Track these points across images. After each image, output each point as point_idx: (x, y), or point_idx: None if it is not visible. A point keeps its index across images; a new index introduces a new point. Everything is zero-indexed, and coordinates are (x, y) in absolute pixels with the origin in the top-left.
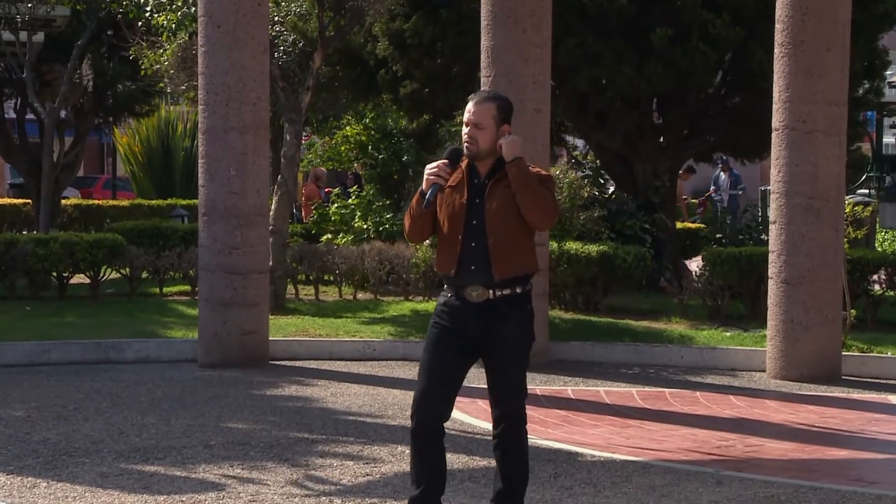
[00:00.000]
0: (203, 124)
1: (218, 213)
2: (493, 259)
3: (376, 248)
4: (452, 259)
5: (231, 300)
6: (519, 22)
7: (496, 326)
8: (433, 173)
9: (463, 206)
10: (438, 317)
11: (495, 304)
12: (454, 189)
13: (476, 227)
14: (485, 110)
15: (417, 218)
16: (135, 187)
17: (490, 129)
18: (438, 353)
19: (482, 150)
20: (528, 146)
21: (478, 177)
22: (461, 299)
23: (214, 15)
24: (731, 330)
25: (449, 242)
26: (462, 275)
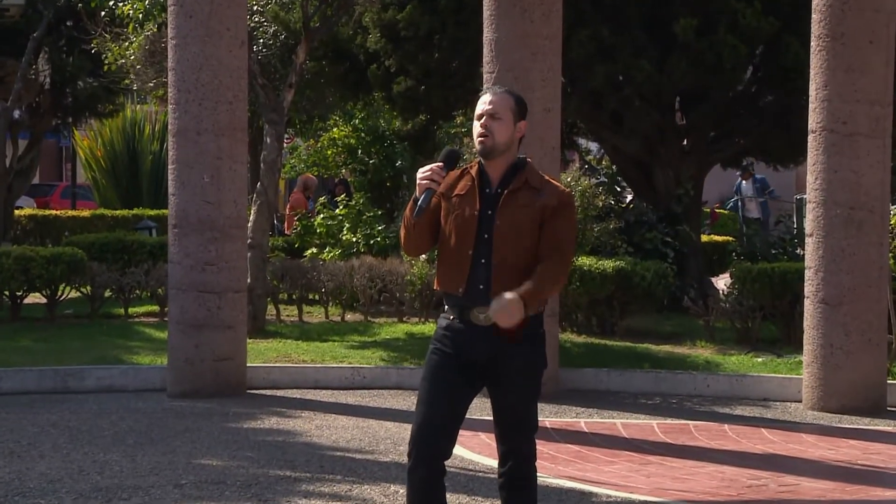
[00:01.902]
0: (173, 126)
1: (190, 225)
2: (494, 282)
3: (367, 264)
4: (460, 276)
5: (204, 322)
6: (526, 12)
7: (504, 352)
8: (426, 177)
9: (474, 218)
10: (439, 342)
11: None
12: (463, 198)
13: (488, 241)
14: (503, 100)
15: (412, 229)
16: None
17: (508, 121)
18: (439, 382)
19: (498, 143)
20: (537, 149)
21: (489, 185)
22: (466, 322)
23: (186, 4)
24: (762, 355)
25: (456, 258)
26: (470, 294)
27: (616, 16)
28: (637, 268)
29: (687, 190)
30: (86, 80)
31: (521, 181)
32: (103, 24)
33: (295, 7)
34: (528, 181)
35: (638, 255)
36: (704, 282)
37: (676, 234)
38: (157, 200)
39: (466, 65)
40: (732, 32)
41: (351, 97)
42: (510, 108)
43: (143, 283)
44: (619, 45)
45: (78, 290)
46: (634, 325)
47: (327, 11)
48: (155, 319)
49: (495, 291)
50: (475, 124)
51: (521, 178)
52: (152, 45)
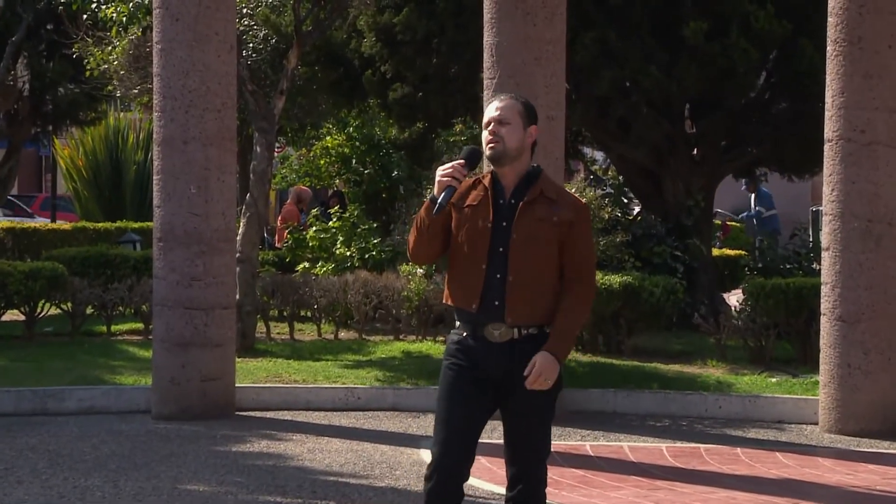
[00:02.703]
0: (159, 134)
1: (176, 239)
2: (508, 299)
3: (361, 279)
4: (474, 292)
5: (191, 340)
6: (528, 14)
7: (519, 373)
8: (448, 174)
9: (487, 231)
10: (452, 356)
11: (520, 345)
12: (475, 209)
13: (503, 255)
14: (511, 106)
15: (426, 231)
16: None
17: (518, 125)
18: (458, 399)
19: (509, 148)
20: (540, 159)
21: (503, 196)
22: (479, 339)
23: (172, 6)
24: (777, 375)
25: (469, 272)
26: (484, 311)
27: (623, 19)
28: (645, 283)
29: (697, 201)
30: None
31: (536, 192)
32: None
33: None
34: (543, 192)
35: (646, 269)
36: (716, 298)
37: (686, 247)
38: (142, 212)
39: (466, 70)
40: (744, 36)
41: (345, 104)
42: (518, 113)
43: (126, 299)
44: (626, 49)
45: (58, 306)
46: (642, 344)
47: (320, 14)
48: (139, 337)
49: (510, 308)
50: (483, 132)
51: (536, 189)
52: (137, 49)
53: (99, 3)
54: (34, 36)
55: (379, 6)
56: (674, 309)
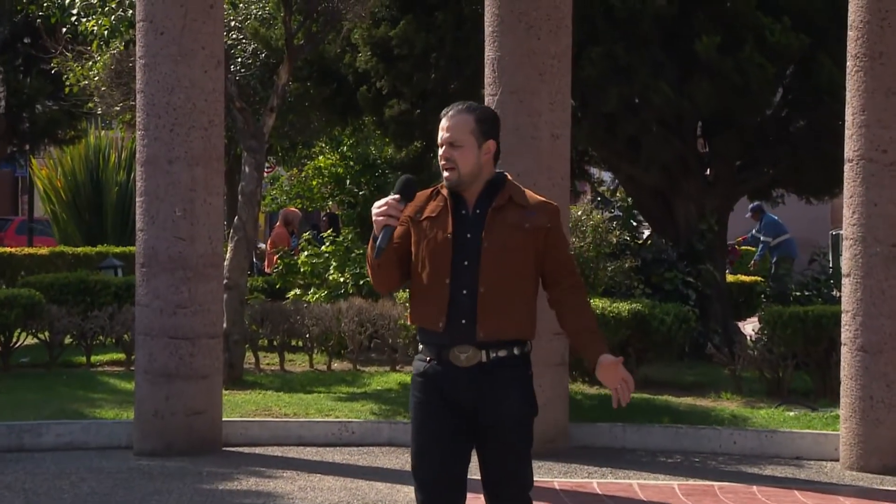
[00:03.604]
0: (142, 154)
1: (160, 264)
2: (480, 313)
3: (356, 307)
4: (439, 310)
5: (175, 372)
6: (532, 28)
7: (490, 400)
8: (382, 212)
9: (448, 242)
10: (418, 391)
11: (489, 369)
12: (434, 221)
13: (468, 269)
14: (461, 123)
15: (376, 269)
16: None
17: (470, 146)
18: (429, 437)
19: (464, 174)
20: (545, 180)
21: (465, 206)
22: (445, 363)
23: (156, 19)
24: (795, 409)
25: (432, 289)
26: (451, 331)
27: (632, 32)
28: (655, 311)
29: (710, 225)
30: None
31: (504, 198)
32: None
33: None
34: (512, 198)
35: (656, 296)
36: (730, 327)
37: (699, 273)
38: (124, 236)
39: (466, 86)
40: (760, 51)
41: (338, 122)
42: (470, 131)
43: (107, 328)
44: (636, 64)
45: (35, 336)
46: (652, 375)
47: (312, 27)
48: (120, 369)
49: (482, 323)
50: (439, 152)
51: (503, 195)
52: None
53: (79, 15)
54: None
55: (374, 19)
56: (686, 338)
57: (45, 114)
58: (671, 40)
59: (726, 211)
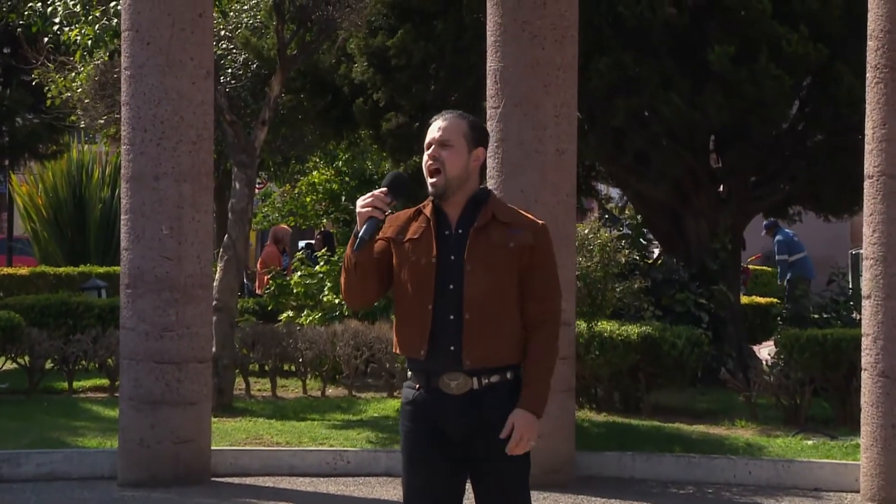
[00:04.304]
0: (127, 169)
1: (146, 285)
2: (465, 340)
3: (351, 330)
4: (421, 336)
5: (162, 398)
6: (536, 37)
7: (483, 428)
8: (368, 204)
9: (431, 266)
10: (408, 420)
11: (481, 397)
12: (417, 243)
13: (454, 293)
14: (453, 126)
15: (353, 270)
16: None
17: (461, 149)
18: (423, 474)
19: (451, 178)
20: (549, 197)
21: (448, 226)
22: (434, 392)
23: (143, 28)
24: (813, 437)
25: (415, 313)
26: (436, 358)
27: (641, 42)
28: (666, 334)
29: (724, 244)
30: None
31: (487, 216)
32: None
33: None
34: (495, 215)
35: (667, 319)
36: (745, 351)
37: (712, 294)
38: (108, 256)
39: (467, 98)
40: (775, 61)
41: (333, 136)
42: (463, 134)
43: (90, 352)
44: (645, 75)
45: (14, 360)
46: (663, 401)
47: (306, 37)
48: (104, 395)
49: (468, 351)
50: (424, 158)
51: (486, 213)
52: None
53: (61, 24)
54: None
55: (371, 28)
56: (698, 363)
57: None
58: (682, 50)
59: (740, 229)
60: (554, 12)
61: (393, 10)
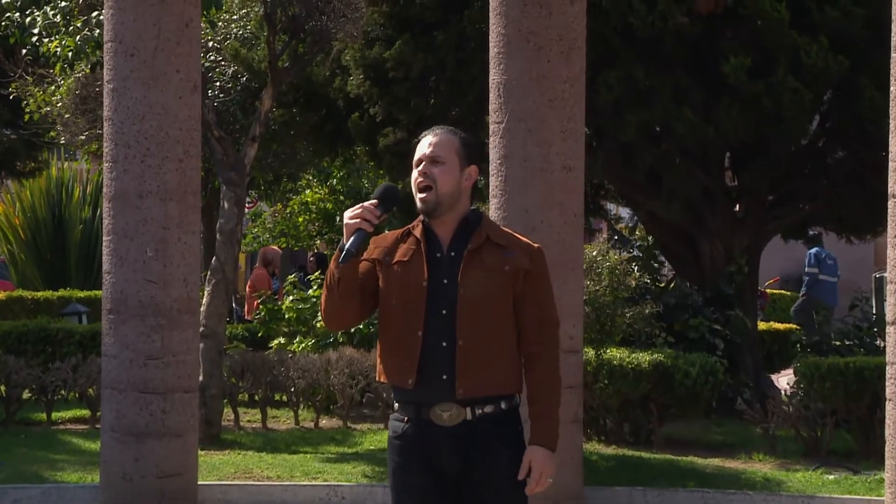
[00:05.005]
0: (110, 188)
1: (129, 310)
2: (459, 368)
3: (346, 358)
4: (409, 365)
5: (146, 430)
6: (542, 49)
7: (477, 462)
8: (357, 215)
9: (422, 290)
10: (396, 455)
11: (475, 428)
12: (406, 266)
13: (446, 318)
14: (445, 142)
15: (335, 286)
16: (13, 274)
17: (453, 165)
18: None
19: (442, 194)
20: (556, 217)
21: (439, 248)
22: (425, 424)
23: (126, 40)
24: (835, 471)
25: (403, 340)
26: (425, 388)
27: (652, 53)
28: (679, 362)
29: (740, 266)
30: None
31: (481, 237)
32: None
33: (259, 43)
34: (489, 237)
35: (680, 346)
36: (762, 380)
37: (727, 320)
38: (89, 279)
39: (469, 113)
40: (794, 74)
41: (327, 152)
42: (455, 150)
43: (70, 381)
44: (657, 88)
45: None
46: (676, 433)
47: (299, 48)
48: (84, 426)
49: (462, 380)
50: (413, 175)
51: (479, 235)
52: (84, 89)
53: (41, 35)
54: None
55: (367, 39)
56: (713, 392)
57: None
58: (696, 62)
59: (757, 251)
60: (560, 23)
61: (391, 20)
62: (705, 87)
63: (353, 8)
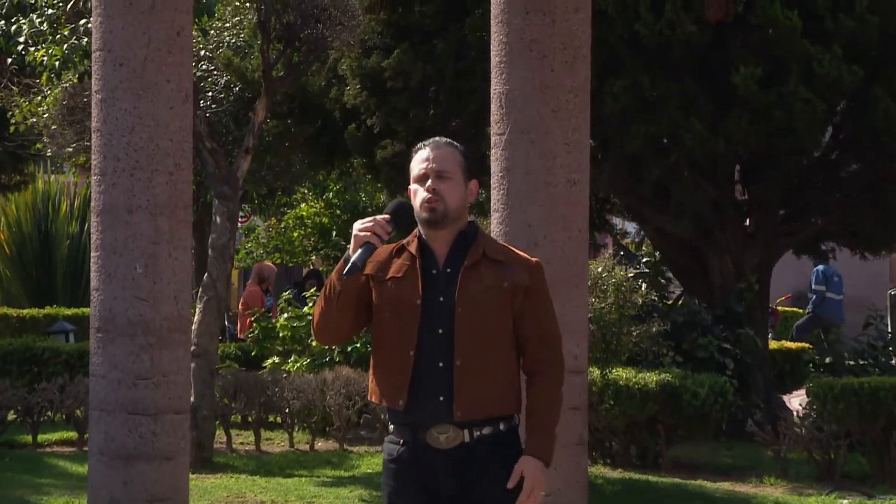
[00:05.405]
0: (98, 202)
1: (118, 329)
2: (457, 389)
3: (343, 378)
4: (399, 386)
5: (136, 452)
6: (545, 58)
7: (475, 485)
8: (367, 228)
9: (417, 309)
10: (393, 479)
11: (473, 450)
12: (400, 282)
13: (443, 338)
14: (448, 155)
15: (335, 299)
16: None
17: (459, 180)
18: None
19: (451, 209)
20: (559, 232)
21: (435, 264)
22: (421, 446)
23: (115, 48)
24: (849, 496)
25: (395, 359)
26: (418, 409)
27: (659, 62)
28: (687, 382)
29: (750, 283)
30: None
31: (477, 253)
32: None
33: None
34: (486, 252)
35: (688, 365)
36: (774, 400)
37: (738, 339)
38: (76, 297)
39: (470, 123)
40: (806, 83)
41: (323, 165)
42: (459, 164)
43: (56, 402)
44: (664, 98)
45: None
46: (685, 456)
47: (293, 57)
48: (72, 449)
49: (460, 401)
50: (414, 189)
51: (476, 250)
52: (72, 99)
53: (27, 44)
54: None
55: (365, 47)
56: (723, 414)
57: None
58: (705, 72)
59: (768, 267)
60: (564, 31)
61: (389, 28)
62: (714, 97)
63: (349, 15)
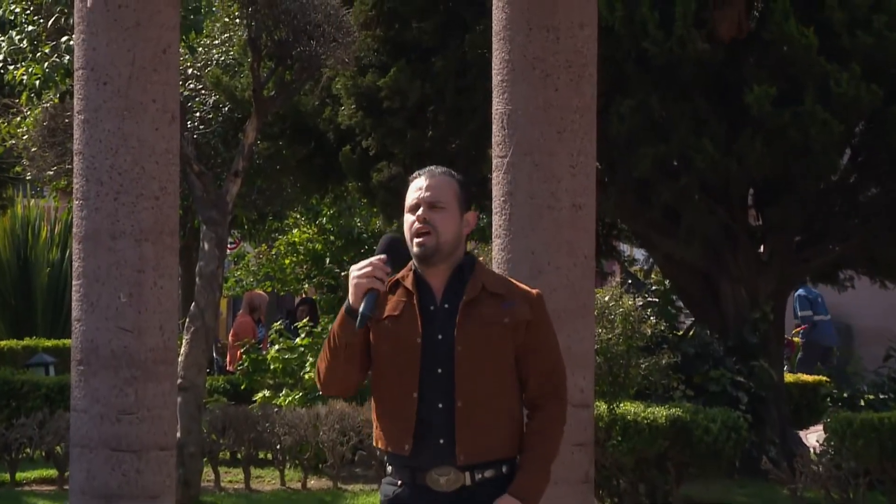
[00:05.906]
0: (80, 227)
1: (100, 361)
2: (459, 431)
3: (336, 412)
4: (405, 430)
5: (119, 491)
6: (549, 76)
7: None
8: (366, 273)
9: (416, 347)
10: None
11: (473, 494)
12: (398, 321)
13: (443, 377)
14: (443, 185)
15: (343, 352)
16: None
17: (453, 211)
18: None
19: (443, 242)
20: (564, 259)
21: (432, 300)
22: (420, 489)
23: (98, 67)
24: None
25: (396, 404)
26: (422, 453)
27: (669, 81)
28: (699, 417)
29: (765, 313)
30: None
31: (476, 287)
32: None
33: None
34: (485, 286)
35: (700, 399)
36: (789, 436)
37: (751, 371)
38: (57, 327)
39: (471, 145)
40: (823, 104)
41: (316, 188)
42: (455, 194)
43: (35, 438)
44: (674, 118)
45: None
46: (696, 494)
47: (285, 76)
48: (52, 488)
49: (462, 444)
50: (407, 219)
51: (475, 284)
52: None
53: (5, 62)
54: None
55: (360, 66)
56: (736, 450)
57: None
58: (716, 90)
59: (783, 296)
60: (569, 48)
61: (385, 45)
62: (727, 117)
63: (344, 32)
